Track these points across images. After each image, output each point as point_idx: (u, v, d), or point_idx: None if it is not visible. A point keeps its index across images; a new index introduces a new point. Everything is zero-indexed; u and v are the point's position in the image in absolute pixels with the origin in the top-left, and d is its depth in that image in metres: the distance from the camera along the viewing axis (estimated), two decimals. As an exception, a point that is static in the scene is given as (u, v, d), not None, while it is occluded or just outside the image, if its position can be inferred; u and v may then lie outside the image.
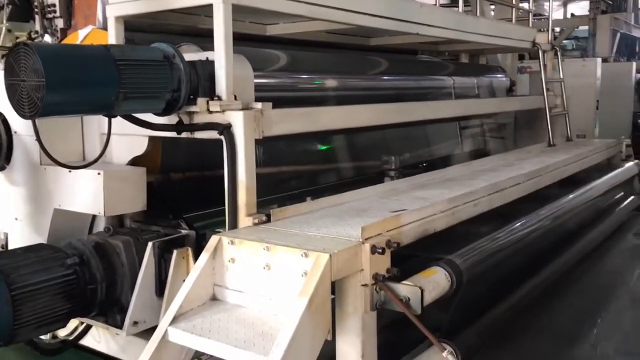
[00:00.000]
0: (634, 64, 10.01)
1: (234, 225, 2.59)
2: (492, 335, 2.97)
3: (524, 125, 6.07)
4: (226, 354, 2.05)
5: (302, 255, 2.13)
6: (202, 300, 2.33)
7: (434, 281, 2.37)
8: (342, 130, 3.35)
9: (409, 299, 2.22)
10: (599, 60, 8.35)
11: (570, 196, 4.01)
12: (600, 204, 4.66)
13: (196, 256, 2.77)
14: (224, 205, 2.63)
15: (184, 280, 2.71)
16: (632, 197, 5.44)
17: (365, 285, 2.22)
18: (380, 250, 2.22)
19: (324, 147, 4.55)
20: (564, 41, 12.17)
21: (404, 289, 2.23)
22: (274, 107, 2.69)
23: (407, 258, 2.56)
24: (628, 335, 3.64)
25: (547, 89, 5.43)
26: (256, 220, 2.57)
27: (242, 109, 2.60)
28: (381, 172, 4.41)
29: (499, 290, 3.12)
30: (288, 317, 2.00)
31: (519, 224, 3.28)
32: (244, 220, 2.59)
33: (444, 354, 2.18)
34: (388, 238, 2.31)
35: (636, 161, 5.58)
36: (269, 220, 2.61)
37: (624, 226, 5.16)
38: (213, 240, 2.36)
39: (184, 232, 2.92)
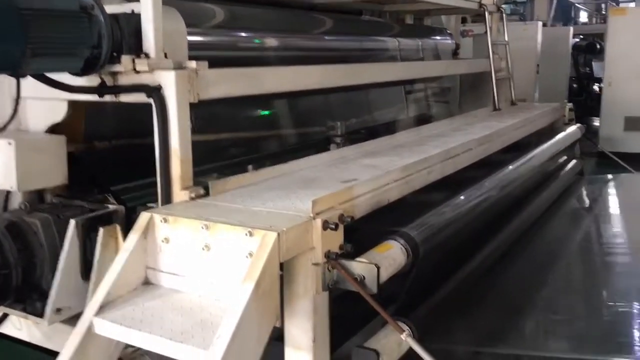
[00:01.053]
0: (571, 28, 10.12)
1: (167, 200, 2.32)
2: (444, 310, 2.85)
3: (468, 89, 5.97)
4: (161, 348, 1.80)
5: (246, 234, 1.89)
6: (132, 286, 2.07)
7: (390, 257, 2.19)
8: (286, 93, 3.09)
9: (364, 277, 2.03)
10: (540, 24, 8.35)
11: (520, 161, 3.92)
12: (546, 168, 4.60)
13: (126, 234, 2.49)
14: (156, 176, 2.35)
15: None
16: (574, 161, 5.45)
17: (317, 264, 2.01)
18: (332, 226, 2.01)
19: (263, 112, 4.28)
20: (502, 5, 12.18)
21: (359, 266, 2.03)
22: (209, 67, 2.41)
23: (355, 231, 2.36)
24: (573, 300, 3.63)
25: (493, 52, 5.32)
26: (193, 194, 2.31)
27: (173, 69, 2.30)
28: (326, 139, 4.19)
29: (451, 262, 2.98)
30: (231, 304, 1.77)
31: (471, 192, 3.14)
32: (179, 195, 2.32)
33: (403, 336, 2.01)
34: (341, 212, 2.10)
35: (579, 125, 5.58)
36: (207, 193, 2.35)
37: (568, 190, 5.17)
38: (144, 218, 2.09)
39: (111, 207, 2.61)
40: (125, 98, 2.37)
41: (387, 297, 2.36)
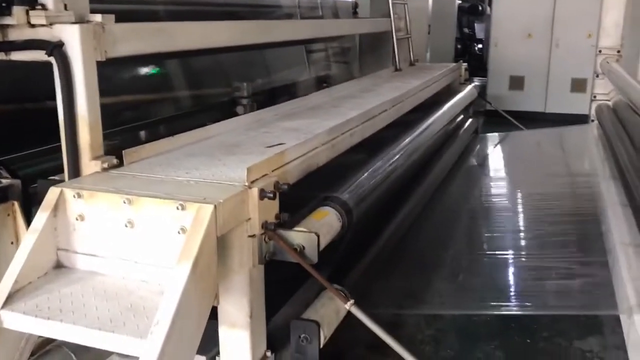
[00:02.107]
0: (457, -11, 10.44)
1: (75, 172, 2.06)
2: (366, 273, 2.83)
3: (367, 49, 5.94)
4: (88, 339, 1.60)
5: (177, 207, 1.71)
6: (43, 270, 1.82)
7: (327, 224, 2.10)
8: (197, 51, 2.85)
9: (304, 247, 1.92)
10: (430, -17, 8.49)
11: (429, 121, 3.95)
12: (448, 128, 4.70)
13: (25, 212, 2.21)
14: (56, 143, 2.07)
15: (12, 243, 2.15)
16: (470, 120, 5.63)
17: (253, 236, 1.87)
18: (270, 195, 1.87)
19: (156, 72, 3.97)
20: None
21: (298, 236, 1.92)
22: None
23: (287, 199, 2.25)
24: (478, 255, 3.77)
25: (394, 12, 5.30)
26: (105, 165, 2.06)
27: (76, 22, 2.02)
28: (232, 101, 4.00)
29: (373, 225, 2.95)
30: (168, 286, 1.59)
31: (389, 153, 3.11)
32: (89, 166, 2.06)
33: (347, 305, 1.95)
34: (276, 179, 1.97)
35: (475, 84, 5.75)
36: (121, 163, 2.12)
37: (467, 149, 5.34)
38: (52, 193, 1.83)
39: (4, 181, 2.29)
40: (18, 56, 2.06)
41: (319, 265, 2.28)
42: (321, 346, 2.02)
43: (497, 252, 3.76)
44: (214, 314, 1.88)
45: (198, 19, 2.76)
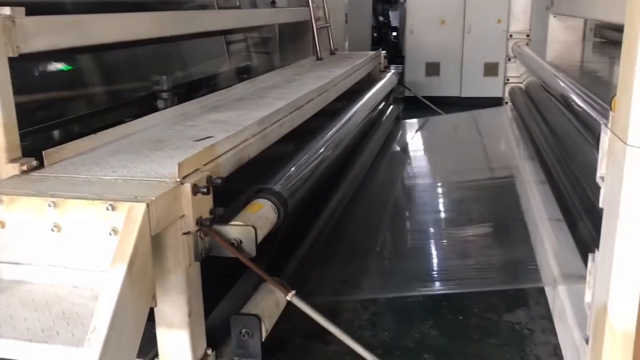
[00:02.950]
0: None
1: (-9, 176, 1.93)
2: (306, 263, 2.84)
3: (288, 39, 5.91)
4: (18, 353, 1.50)
5: (107, 208, 1.63)
6: (-40, 283, 1.70)
7: (264, 216, 2.07)
8: (114, 44, 2.72)
9: (241, 241, 1.90)
10: (346, -27, 8.52)
11: (354, 109, 3.98)
12: (371, 115, 4.77)
13: None
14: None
15: None
16: (392, 107, 5.73)
17: (188, 233, 1.82)
18: (204, 190, 1.83)
19: (68, 67, 3.79)
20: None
21: (235, 230, 1.89)
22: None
23: (220, 193, 2.20)
24: (409, 238, 3.87)
25: (312, 1, 5.31)
26: (25, 167, 1.94)
27: (-18, 16, 1.88)
28: (152, 95, 3.87)
29: (307, 214, 2.95)
30: (103, 290, 1.52)
31: (318, 142, 3.12)
32: (6, 169, 1.93)
33: (288, 296, 1.93)
34: (208, 174, 1.92)
35: (394, 71, 5.85)
36: (42, 165, 2.00)
37: (390, 135, 5.44)
38: (-32, 200, 1.71)
39: None
40: None
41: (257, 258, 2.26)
42: (263, 340, 2.01)
43: (425, 234, 3.86)
44: (151, 316, 1.82)
45: (108, 12, 2.65)
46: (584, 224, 2.29)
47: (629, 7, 1.53)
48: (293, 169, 2.56)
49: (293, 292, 1.96)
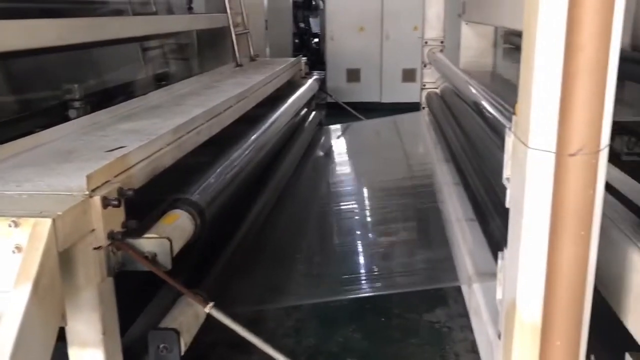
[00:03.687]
0: (291, -16, 10.60)
1: None
2: (225, 272, 2.80)
3: (206, 45, 5.84)
4: None
5: (10, 225, 1.55)
6: None
7: (180, 227, 2.03)
8: (21, 52, 2.60)
9: (156, 254, 1.85)
10: (264, -21, 8.51)
11: (275, 115, 3.98)
12: (293, 121, 4.78)
13: None
14: None
15: None
16: (314, 113, 5.77)
17: (99, 248, 1.76)
18: (115, 202, 1.77)
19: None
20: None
21: (149, 243, 1.85)
22: None
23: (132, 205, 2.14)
24: (331, 242, 3.91)
25: (230, 7, 5.27)
26: None
27: None
28: (63, 104, 3.72)
29: (229, 222, 2.92)
30: (6, 312, 1.44)
31: (239, 149, 3.09)
32: None
33: (207, 308, 1.90)
34: (119, 185, 1.86)
35: (316, 77, 5.89)
36: (-63, 180, 1.88)
37: (312, 141, 5.47)
38: None
39: None
40: None
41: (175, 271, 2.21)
42: (182, 354, 1.96)
43: (348, 238, 3.91)
44: (62, 336, 1.74)
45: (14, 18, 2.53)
46: (495, 224, 2.38)
47: (526, 15, 1.61)
48: (212, 177, 2.53)
49: (211, 303, 1.92)
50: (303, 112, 5.29)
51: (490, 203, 2.57)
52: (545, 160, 1.54)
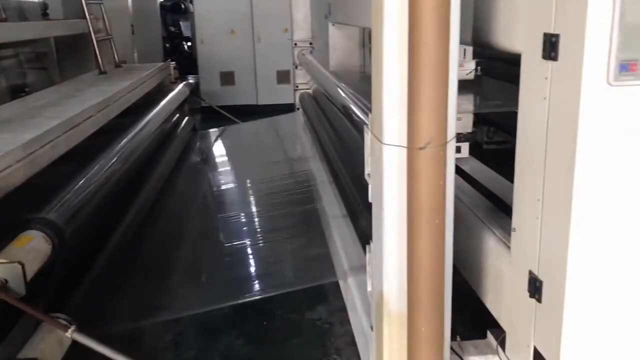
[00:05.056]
0: (155, -12, 10.31)
1: None
2: (96, 291, 2.66)
3: (66, 53, 5.53)
4: None
5: None
6: None
7: (34, 249, 1.89)
8: None
9: (6, 280, 1.71)
10: (127, -17, 8.19)
11: (143, 123, 3.84)
12: (165, 127, 4.65)
13: None
14: None
15: None
16: (187, 118, 5.64)
17: (-61, 279, 1.60)
18: (-47, 228, 1.62)
19: None
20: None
21: (-2, 269, 1.70)
22: None
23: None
24: (210, 249, 3.83)
25: (88, 12, 5.01)
26: None
27: None
28: None
29: (96, 238, 2.77)
30: None
31: (103, 160, 2.95)
32: None
33: (68, 333, 1.78)
34: (-41, 209, 1.70)
35: (186, 82, 5.76)
36: None
37: (187, 147, 5.34)
38: None
39: None
40: None
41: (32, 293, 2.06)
42: (46, 383, 1.83)
43: (232, 243, 3.85)
44: None
45: None
46: (365, 219, 2.44)
47: (373, 15, 1.66)
48: (71, 193, 2.38)
49: (72, 327, 1.81)
50: (175, 118, 5.15)
51: (361, 199, 2.64)
52: (398, 155, 1.60)
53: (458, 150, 2.83)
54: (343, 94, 3.35)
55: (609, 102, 1.34)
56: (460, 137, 2.85)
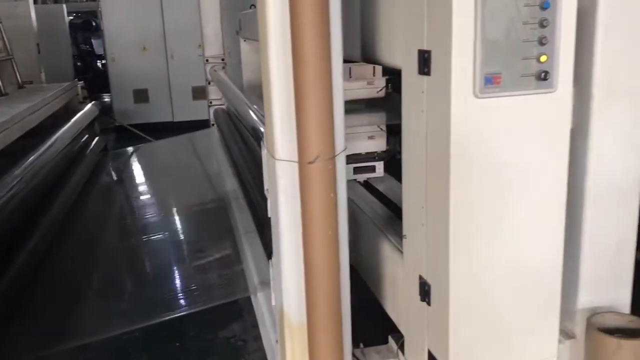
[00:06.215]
0: (64, 5, 9.99)
1: None
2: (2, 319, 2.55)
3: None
4: None
5: None
6: None
7: None
8: None
9: None
10: (31, 1, 7.90)
11: (46, 145, 3.72)
12: (71, 149, 4.51)
13: None
14: None
15: None
16: (97, 138, 5.49)
17: None
18: None
19: None
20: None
21: None
22: None
23: None
24: (122, 273, 3.75)
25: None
26: None
27: None
28: None
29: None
30: None
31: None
32: None
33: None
34: None
35: (94, 102, 5.62)
36: None
37: (97, 167, 5.20)
38: None
39: None
40: None
41: None
42: None
43: (145, 264, 3.78)
44: None
45: None
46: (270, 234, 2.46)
47: (260, 31, 1.69)
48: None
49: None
50: (84, 138, 5.01)
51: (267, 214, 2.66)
52: (289, 169, 1.63)
53: (372, 169, 2.85)
54: (248, 109, 3.37)
55: (476, 113, 1.43)
56: (374, 156, 2.86)
